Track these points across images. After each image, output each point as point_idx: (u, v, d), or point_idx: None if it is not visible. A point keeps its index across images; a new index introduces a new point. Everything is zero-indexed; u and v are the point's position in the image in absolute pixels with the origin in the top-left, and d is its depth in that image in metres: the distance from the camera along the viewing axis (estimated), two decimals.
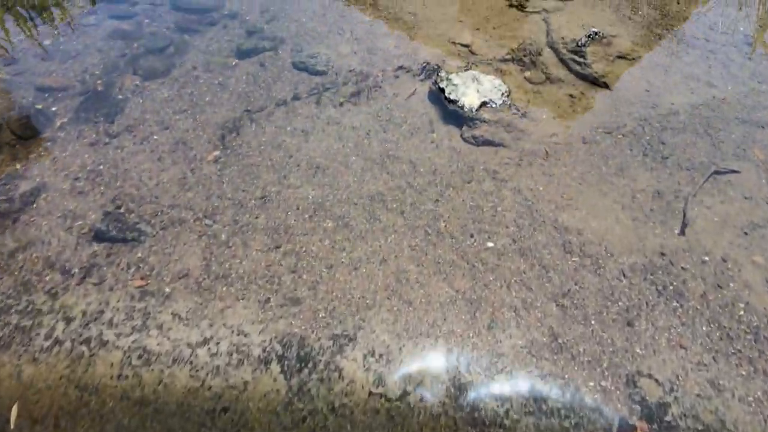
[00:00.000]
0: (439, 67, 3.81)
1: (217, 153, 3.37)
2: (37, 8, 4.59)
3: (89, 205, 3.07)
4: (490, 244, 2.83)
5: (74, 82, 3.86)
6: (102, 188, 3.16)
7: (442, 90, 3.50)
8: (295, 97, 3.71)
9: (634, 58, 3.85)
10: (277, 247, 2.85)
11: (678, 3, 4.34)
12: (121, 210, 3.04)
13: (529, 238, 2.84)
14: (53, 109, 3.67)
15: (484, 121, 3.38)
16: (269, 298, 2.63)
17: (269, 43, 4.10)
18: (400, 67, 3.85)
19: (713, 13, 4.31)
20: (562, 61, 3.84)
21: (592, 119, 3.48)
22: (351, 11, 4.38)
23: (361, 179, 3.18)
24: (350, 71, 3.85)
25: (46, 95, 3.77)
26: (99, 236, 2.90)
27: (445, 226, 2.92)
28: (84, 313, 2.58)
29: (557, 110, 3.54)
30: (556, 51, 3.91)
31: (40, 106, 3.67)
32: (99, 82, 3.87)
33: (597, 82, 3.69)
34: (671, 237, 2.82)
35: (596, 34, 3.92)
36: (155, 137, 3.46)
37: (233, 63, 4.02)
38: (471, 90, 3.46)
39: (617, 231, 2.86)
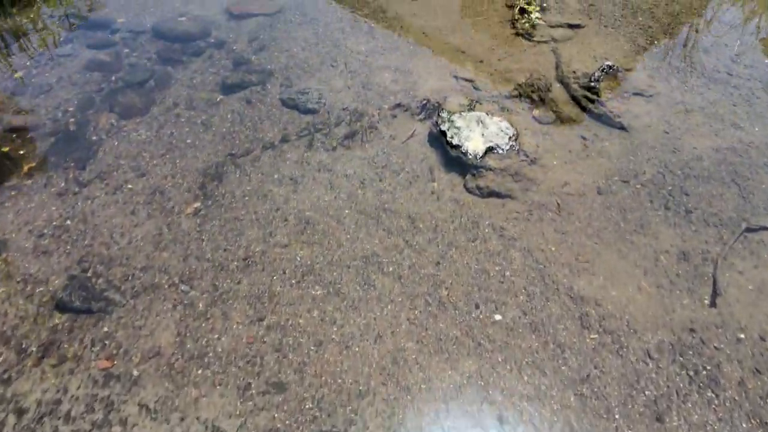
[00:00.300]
0: (440, 105, 3.51)
1: (197, 205, 3.07)
2: (12, 34, 4.30)
3: (53, 267, 2.77)
4: (498, 317, 2.53)
5: (45, 120, 3.57)
6: (68, 247, 2.86)
7: (444, 133, 3.21)
8: (284, 139, 3.41)
9: (651, 95, 3.55)
10: (261, 320, 2.55)
11: (696, 32, 4.05)
12: (89, 273, 2.74)
13: (541, 310, 2.54)
14: (21, 152, 3.37)
15: (490, 169, 3.08)
16: (250, 384, 2.33)
17: (257, 77, 3.81)
18: (398, 105, 3.55)
19: (733, 42, 4.01)
20: (574, 98, 3.55)
21: (608, 165, 3.19)
22: (345, 41, 4.09)
23: (354, 237, 2.88)
24: (344, 109, 3.56)
25: (14, 136, 3.48)
26: (62, 306, 2.60)
27: (448, 294, 2.62)
28: (39, 403, 2.27)
29: (569, 155, 3.25)
30: (566, 86, 3.62)
31: (6, 149, 3.38)
32: (72, 120, 3.57)
33: (612, 123, 3.39)
34: (701, 309, 2.52)
35: (610, 68, 3.62)
36: (129, 186, 3.17)
37: (218, 99, 3.72)
38: (475, 134, 3.17)
39: (640, 301, 2.56)
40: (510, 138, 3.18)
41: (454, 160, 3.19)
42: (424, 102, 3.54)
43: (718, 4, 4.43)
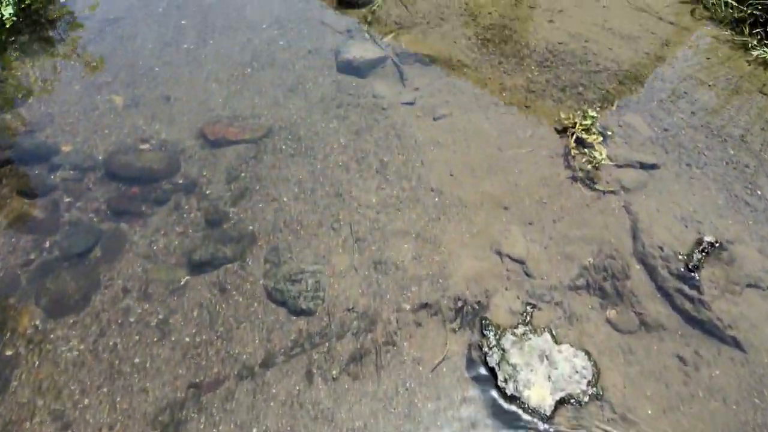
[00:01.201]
0: (481, 307, 2.57)
1: None
2: None
3: None
4: None
5: None
6: None
7: (493, 372, 2.27)
8: (267, 362, 2.48)
9: None
10: None
11: None
12: None
13: None
14: None
15: None
16: None
17: (234, 249, 2.88)
18: (424, 305, 2.62)
19: None
20: (661, 289, 2.61)
21: (725, 414, 2.24)
22: (350, 185, 3.15)
23: None
24: (349, 310, 2.62)
25: None
26: None
27: None
28: None
29: (666, 393, 2.31)
30: (650, 270, 2.68)
31: None
32: None
33: (720, 335, 2.46)
34: None
35: (712, 245, 2.68)
36: None
37: (182, 281, 2.79)
38: (539, 377, 2.23)
39: None
40: (589, 382, 2.24)
41: (507, 413, 2.24)
42: (460, 303, 2.60)
43: None
